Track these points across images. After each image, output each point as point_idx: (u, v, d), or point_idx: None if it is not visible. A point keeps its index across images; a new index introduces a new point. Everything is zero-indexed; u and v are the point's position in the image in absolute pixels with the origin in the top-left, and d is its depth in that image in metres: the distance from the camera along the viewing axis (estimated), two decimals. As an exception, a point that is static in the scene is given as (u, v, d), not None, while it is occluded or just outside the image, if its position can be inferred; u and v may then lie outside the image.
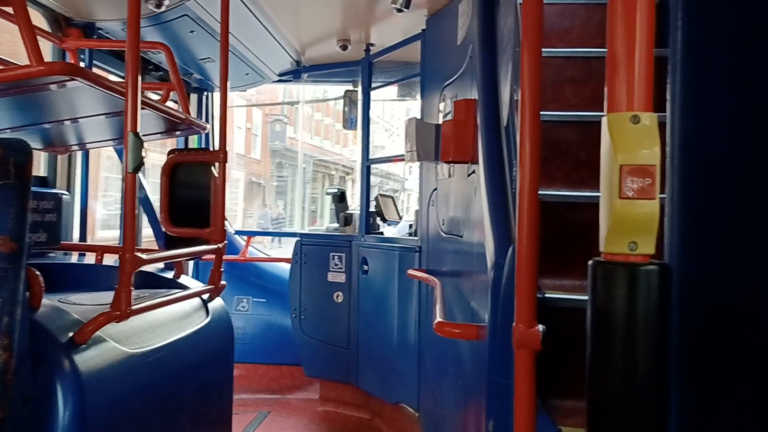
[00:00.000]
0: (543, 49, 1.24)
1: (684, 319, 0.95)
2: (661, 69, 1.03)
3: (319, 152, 29.82)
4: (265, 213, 24.10)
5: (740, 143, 0.96)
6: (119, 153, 3.49)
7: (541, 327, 1.17)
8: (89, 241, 3.02)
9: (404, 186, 31.85)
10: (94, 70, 3.18)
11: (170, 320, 2.05)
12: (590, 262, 0.86)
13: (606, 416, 0.82)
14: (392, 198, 4.81)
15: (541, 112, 1.23)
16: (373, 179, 4.72)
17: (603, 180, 0.85)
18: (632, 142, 0.81)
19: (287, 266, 4.38)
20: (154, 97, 2.57)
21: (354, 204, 4.48)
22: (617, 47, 0.82)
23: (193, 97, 4.46)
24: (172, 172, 2.37)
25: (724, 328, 0.95)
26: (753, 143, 0.94)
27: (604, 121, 0.86)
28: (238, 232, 4.81)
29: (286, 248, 5.50)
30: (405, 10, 3.08)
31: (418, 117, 3.29)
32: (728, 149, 0.96)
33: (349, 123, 4.42)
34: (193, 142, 4.35)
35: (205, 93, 4.52)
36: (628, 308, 0.81)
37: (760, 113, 0.91)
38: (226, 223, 2.33)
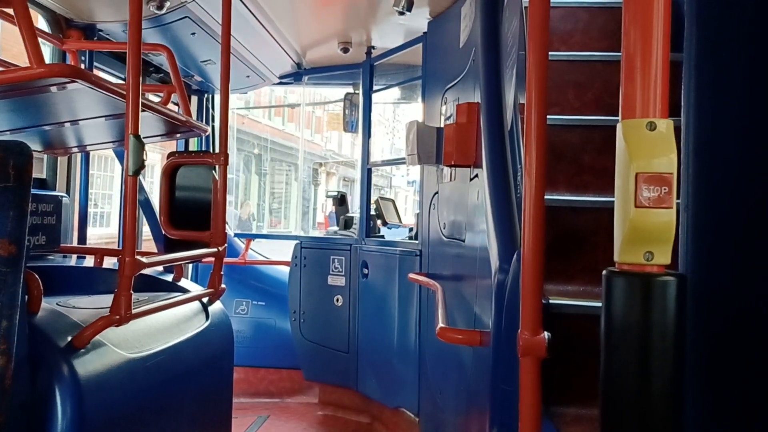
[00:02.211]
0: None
1: (699, 329, 0.93)
2: (675, 72, 1.01)
3: (281, 137, 24.38)
4: (230, 213, 20.45)
5: (756, 149, 0.94)
6: (119, 155, 3.48)
7: (546, 334, 1.15)
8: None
9: (391, 183, 29.43)
10: (95, 71, 3.17)
11: (170, 324, 2.03)
12: (604, 272, 0.84)
13: (621, 430, 0.80)
14: (392, 201, 4.79)
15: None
16: (354, 173, 4.70)
17: (618, 188, 0.83)
18: (648, 149, 0.80)
19: (287, 269, 4.36)
20: (155, 99, 2.56)
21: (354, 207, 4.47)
22: (633, 52, 0.81)
23: (194, 99, 4.45)
24: (172, 174, 2.36)
25: (741, 338, 0.94)
26: (767, 149, 0.92)
27: (619, 127, 0.84)
28: (237, 235, 4.80)
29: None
30: (407, 12, 3.07)
31: (420, 120, 3.28)
32: (744, 156, 0.94)
33: (349, 126, 4.40)
34: (194, 144, 4.34)
35: (206, 95, 4.51)
36: (644, 320, 0.79)
37: None
38: (226, 225, 2.32)
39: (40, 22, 2.93)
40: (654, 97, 0.80)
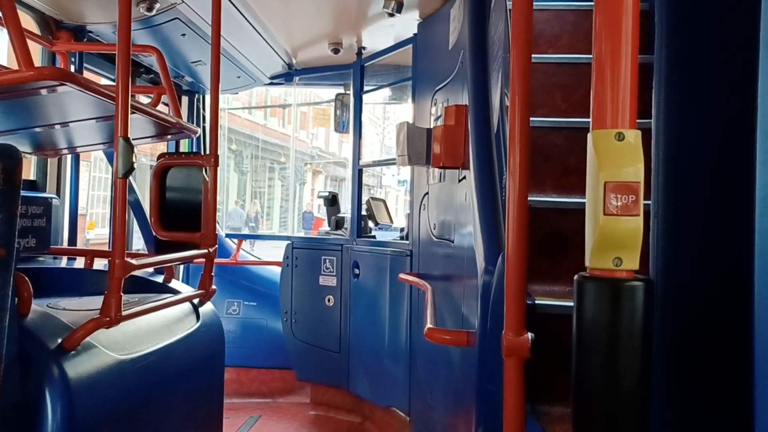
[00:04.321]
0: (533, 55, 1.25)
1: (668, 331, 0.95)
2: (650, 73, 1.04)
3: (263, 132, 23.03)
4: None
5: (722, 157, 0.97)
6: (109, 156, 3.48)
7: (530, 335, 1.17)
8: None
9: (381, 182, 28.64)
10: (85, 73, 3.16)
11: (160, 325, 2.04)
12: (576, 277, 0.86)
13: (591, 430, 0.83)
14: (384, 201, 4.80)
15: (532, 118, 1.24)
16: (343, 172, 4.70)
17: (588, 196, 0.86)
18: (616, 159, 0.82)
19: (278, 270, 4.37)
20: (145, 100, 2.57)
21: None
22: (602, 65, 0.83)
23: (184, 99, 4.45)
24: (162, 175, 2.36)
25: (707, 340, 0.96)
26: (734, 157, 0.95)
27: (590, 137, 0.87)
28: (228, 235, 4.81)
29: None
30: (396, 14, 3.08)
31: (410, 121, 3.30)
32: (710, 164, 0.97)
33: (340, 126, 4.41)
34: (184, 145, 4.34)
35: (197, 96, 4.51)
36: (613, 323, 0.82)
37: (742, 128, 0.92)
38: (216, 226, 2.33)
39: (30, 24, 2.92)
40: (623, 109, 0.83)
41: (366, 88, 4.20)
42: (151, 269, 2.52)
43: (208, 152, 2.25)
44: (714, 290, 0.97)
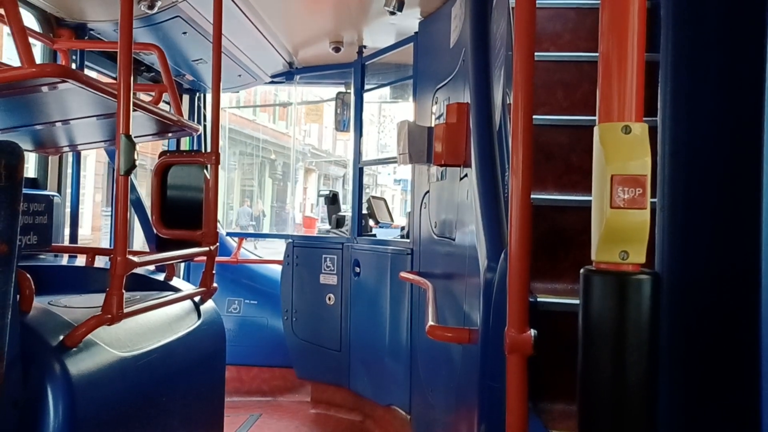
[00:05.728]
0: (535, 53, 1.25)
1: (674, 325, 0.95)
2: (654, 72, 1.03)
3: (252, 128, 22.40)
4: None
5: (729, 151, 0.97)
6: (110, 154, 3.48)
7: (532, 331, 1.17)
8: None
9: (376, 181, 27.96)
10: (86, 71, 3.16)
11: (162, 323, 2.04)
12: (582, 271, 0.86)
13: (597, 424, 0.82)
14: (384, 200, 4.80)
15: (533, 116, 1.24)
16: (337, 170, 4.70)
17: (594, 189, 0.86)
18: (623, 152, 0.82)
19: (279, 268, 4.37)
20: (146, 98, 2.56)
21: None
22: (609, 58, 0.83)
23: (185, 98, 4.45)
24: (163, 173, 2.36)
25: (714, 334, 0.96)
26: (741, 151, 0.95)
27: (596, 131, 0.87)
28: (229, 234, 4.81)
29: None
30: (398, 12, 3.08)
31: (411, 119, 3.29)
32: (717, 158, 0.97)
33: (341, 125, 4.41)
34: (185, 143, 4.34)
35: (198, 94, 4.51)
36: (619, 317, 0.82)
37: (749, 122, 0.92)
38: (217, 224, 2.33)
39: (31, 21, 2.92)
40: (629, 102, 0.82)
41: (367, 87, 4.20)
42: (152, 267, 2.52)
43: (209, 150, 2.25)
44: (721, 283, 0.97)
